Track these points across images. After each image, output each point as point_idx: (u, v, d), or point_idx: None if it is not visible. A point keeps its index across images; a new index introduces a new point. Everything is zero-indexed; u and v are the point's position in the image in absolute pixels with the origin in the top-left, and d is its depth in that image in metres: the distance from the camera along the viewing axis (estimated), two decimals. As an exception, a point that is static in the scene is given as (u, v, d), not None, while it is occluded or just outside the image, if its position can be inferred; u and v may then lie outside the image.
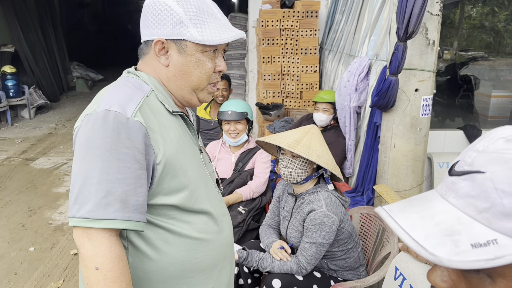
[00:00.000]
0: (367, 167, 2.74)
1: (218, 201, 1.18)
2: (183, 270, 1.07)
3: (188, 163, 1.05)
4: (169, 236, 1.04)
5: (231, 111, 2.72)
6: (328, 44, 4.35)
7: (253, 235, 2.65)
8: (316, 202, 2.00)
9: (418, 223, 0.51)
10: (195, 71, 1.06)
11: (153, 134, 0.97)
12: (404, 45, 2.18)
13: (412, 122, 2.36)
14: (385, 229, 2.26)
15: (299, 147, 1.95)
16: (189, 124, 1.12)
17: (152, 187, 0.99)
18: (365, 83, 2.89)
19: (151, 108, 1.00)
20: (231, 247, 1.23)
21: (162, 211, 1.03)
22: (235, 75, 7.35)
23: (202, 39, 1.02)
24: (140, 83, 1.06)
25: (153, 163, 0.97)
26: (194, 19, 1.02)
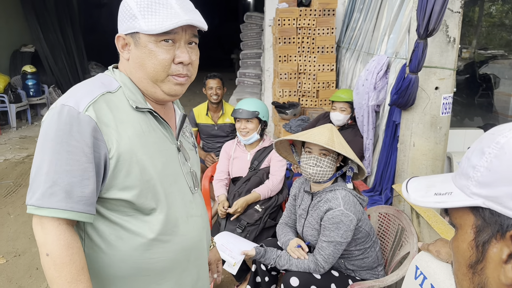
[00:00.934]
0: (385, 166, 2.72)
1: (188, 201, 1.17)
2: (137, 268, 1.08)
3: (148, 160, 1.05)
4: (124, 233, 1.06)
5: (242, 109, 2.73)
6: (345, 42, 4.33)
7: (270, 233, 2.65)
8: (334, 201, 1.99)
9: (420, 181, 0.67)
10: (149, 62, 1.06)
11: (106, 128, 1.00)
12: (425, 43, 2.15)
13: (432, 120, 2.33)
14: (404, 229, 2.24)
15: (337, 146, 1.95)
16: (161, 121, 1.12)
17: (106, 180, 1.02)
18: (383, 81, 2.87)
19: (110, 104, 1.03)
20: (200, 250, 1.21)
21: (118, 207, 1.05)
22: (250, 74, 7.36)
23: (148, 29, 1.02)
24: (111, 80, 1.10)
25: (105, 157, 1.00)
26: (143, 11, 1.03)
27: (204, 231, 1.23)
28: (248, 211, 2.64)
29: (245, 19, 7.52)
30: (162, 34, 1.03)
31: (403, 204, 2.47)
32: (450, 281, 1.40)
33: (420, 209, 2.09)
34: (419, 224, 2.17)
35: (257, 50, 7.45)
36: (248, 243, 2.37)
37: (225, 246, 2.23)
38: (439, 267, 1.44)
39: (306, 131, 2.07)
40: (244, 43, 7.56)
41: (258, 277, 2.35)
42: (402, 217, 2.28)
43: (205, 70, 4.47)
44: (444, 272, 1.43)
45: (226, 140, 3.73)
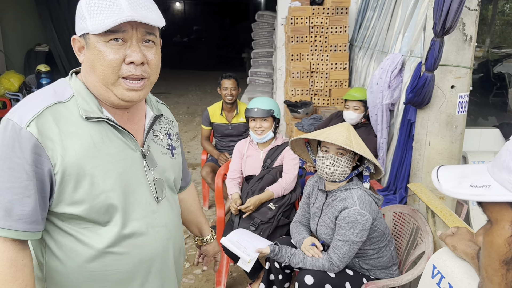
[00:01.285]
0: (400, 165, 2.70)
1: (150, 212, 1.11)
2: (92, 279, 1.07)
3: (99, 173, 1.01)
4: (78, 245, 1.04)
5: (257, 108, 2.74)
6: (358, 41, 4.31)
7: (283, 231, 2.65)
8: (349, 200, 1.98)
9: (451, 170, 0.67)
10: (98, 63, 1.00)
11: (51, 143, 0.96)
12: (441, 41, 2.14)
13: (448, 119, 2.32)
14: (419, 228, 2.23)
15: (355, 145, 1.94)
16: (120, 129, 1.06)
17: (54, 195, 1.00)
18: (398, 80, 2.85)
19: (57, 116, 0.99)
20: (165, 261, 1.17)
21: (72, 220, 1.03)
22: (262, 73, 7.36)
23: (92, 29, 0.97)
24: (65, 88, 1.05)
25: (50, 172, 0.97)
26: (91, 10, 0.97)
27: (170, 241, 1.18)
28: (262, 209, 2.64)
29: (256, 18, 7.52)
30: (109, 33, 0.97)
31: (418, 204, 2.46)
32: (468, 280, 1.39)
33: (436, 207, 2.07)
34: (434, 223, 2.15)
35: (269, 49, 7.45)
36: (263, 240, 2.38)
37: (239, 243, 2.23)
38: (457, 266, 1.43)
39: (323, 129, 2.06)
40: (256, 42, 7.56)
41: (272, 275, 2.36)
42: (417, 216, 2.26)
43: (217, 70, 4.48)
44: (462, 271, 1.42)
45: (239, 139, 3.75)
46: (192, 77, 12.63)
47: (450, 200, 2.43)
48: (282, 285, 2.34)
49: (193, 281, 2.94)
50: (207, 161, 3.96)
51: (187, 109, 8.70)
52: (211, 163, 3.84)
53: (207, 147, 3.99)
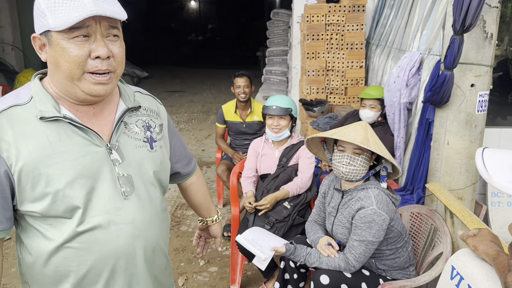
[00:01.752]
0: (417, 165, 2.67)
1: (113, 208, 1.09)
2: (59, 274, 1.09)
3: (56, 171, 1.02)
4: (42, 240, 1.07)
5: (276, 106, 2.72)
6: (375, 38, 4.27)
7: (298, 230, 2.64)
8: (366, 199, 1.96)
9: (499, 157, 0.59)
10: (62, 60, 0.99)
11: (5, 145, 0.99)
12: (461, 39, 2.10)
13: (467, 118, 2.28)
14: (437, 229, 2.19)
15: (372, 145, 1.92)
16: (80, 127, 1.06)
17: (16, 195, 1.03)
18: (416, 78, 2.81)
19: (13, 118, 1.01)
20: (131, 259, 1.15)
21: (37, 217, 1.06)
22: (276, 71, 7.35)
23: (55, 25, 0.95)
24: (27, 90, 1.07)
25: (7, 173, 1.00)
26: (51, 6, 0.96)
27: (139, 239, 1.14)
28: (277, 208, 2.64)
29: (272, 16, 7.50)
30: (73, 29, 0.96)
31: (436, 204, 2.43)
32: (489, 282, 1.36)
33: (454, 208, 2.04)
34: (453, 224, 2.12)
35: (284, 47, 7.43)
36: (278, 239, 2.37)
37: (255, 241, 2.23)
38: (477, 268, 1.41)
39: (340, 128, 2.04)
40: (271, 40, 7.54)
41: (287, 274, 2.35)
42: (435, 216, 2.23)
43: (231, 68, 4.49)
44: (482, 273, 1.40)
45: (254, 137, 3.74)
46: (207, 76, 12.67)
47: (468, 201, 2.39)
48: (297, 284, 2.33)
49: (208, 279, 2.95)
50: (222, 159, 3.97)
51: (202, 107, 8.74)
52: (226, 161, 3.85)
53: (221, 145, 3.99)
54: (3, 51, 7.79)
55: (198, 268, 3.08)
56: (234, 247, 2.73)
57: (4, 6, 7.69)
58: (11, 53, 7.88)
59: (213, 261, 3.17)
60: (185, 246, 3.36)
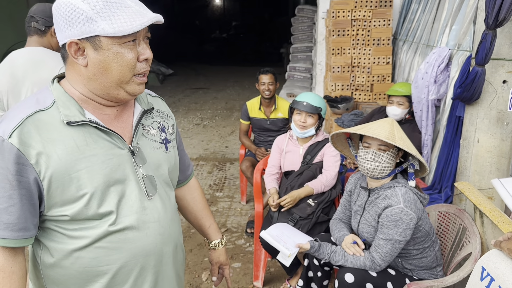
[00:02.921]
0: (446, 163, 2.61)
1: (141, 208, 1.12)
2: (86, 277, 1.10)
3: (85, 175, 1.03)
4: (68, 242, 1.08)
5: (307, 102, 2.70)
6: (402, 34, 4.19)
7: (322, 228, 2.63)
8: (393, 198, 1.93)
9: None
10: (115, 65, 1.02)
11: (33, 151, 0.99)
12: (493, 34, 2.04)
13: (499, 116, 2.21)
14: (465, 229, 2.14)
15: (398, 140, 1.88)
16: (105, 130, 1.08)
17: (44, 201, 1.03)
18: (445, 74, 2.75)
19: (39, 124, 1.01)
20: (159, 256, 1.18)
21: (65, 221, 1.06)
22: (300, 68, 7.30)
23: (114, 31, 0.99)
24: (47, 95, 1.07)
25: (36, 180, 1.00)
26: (102, 12, 0.98)
27: (164, 237, 1.18)
28: (301, 205, 2.62)
29: (296, 12, 7.46)
30: (127, 35, 1.00)
31: (465, 203, 2.37)
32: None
33: (484, 207, 1.99)
34: (482, 224, 2.06)
35: (308, 43, 7.38)
36: (303, 236, 2.36)
37: (279, 237, 2.22)
38: (509, 268, 1.37)
39: (365, 124, 2.01)
40: (295, 36, 7.50)
41: (311, 272, 2.34)
42: (464, 216, 2.18)
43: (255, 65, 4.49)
44: (514, 275, 1.36)
45: (277, 134, 3.73)
46: (231, 73, 12.71)
47: (499, 200, 2.32)
48: (321, 282, 2.31)
49: (231, 274, 2.97)
50: (246, 155, 3.98)
51: (225, 104, 8.78)
52: (251, 158, 3.85)
53: (245, 142, 4.00)
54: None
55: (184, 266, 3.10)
56: (258, 243, 2.74)
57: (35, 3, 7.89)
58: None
59: (236, 257, 3.18)
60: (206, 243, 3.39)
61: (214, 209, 3.99)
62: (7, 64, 2.18)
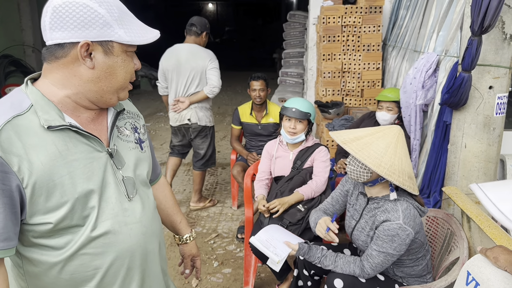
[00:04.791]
0: (434, 168, 2.63)
1: (122, 210, 1.13)
2: (76, 281, 1.10)
3: (68, 180, 1.02)
4: (51, 253, 1.06)
5: (296, 108, 2.70)
6: (392, 40, 4.22)
7: (312, 233, 2.62)
8: (393, 213, 1.88)
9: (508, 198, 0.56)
10: (121, 71, 1.08)
11: (16, 158, 0.96)
12: (479, 40, 2.07)
13: (485, 121, 2.24)
14: (453, 233, 2.16)
15: (353, 145, 1.85)
16: (84, 134, 1.07)
17: (26, 208, 1.00)
18: (432, 80, 2.77)
19: (18, 130, 0.98)
20: (144, 255, 1.20)
21: (44, 231, 1.04)
22: (292, 73, 7.33)
23: (131, 40, 1.05)
24: (22, 98, 1.03)
25: (19, 188, 0.97)
26: (119, 20, 1.03)
27: (147, 236, 1.19)
28: (291, 211, 2.62)
29: (288, 18, 7.49)
30: (133, 45, 1.08)
31: (453, 208, 2.39)
32: (506, 289, 1.33)
33: (471, 212, 2.00)
34: (470, 228, 2.08)
35: (300, 49, 7.41)
36: (294, 237, 2.34)
37: (269, 242, 2.20)
38: (493, 274, 1.38)
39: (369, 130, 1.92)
40: (287, 42, 7.53)
41: (300, 281, 2.33)
42: (452, 221, 2.19)
43: (247, 70, 4.50)
44: (499, 279, 1.37)
45: (269, 139, 3.73)
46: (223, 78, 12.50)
47: (487, 205, 2.34)
48: (310, 290, 2.30)
49: (221, 280, 2.96)
50: (237, 160, 3.98)
51: (218, 109, 8.77)
52: (242, 162, 3.85)
53: (236, 147, 4.00)
54: (24, 53, 7.97)
55: (211, 269, 3.09)
56: (248, 249, 2.73)
57: (25, 9, 7.86)
58: (31, 55, 8.05)
59: (226, 262, 3.18)
60: (199, 247, 3.37)
61: (205, 214, 3.98)
62: (173, 52, 3.61)
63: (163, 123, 7.73)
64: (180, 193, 4.49)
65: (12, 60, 7.45)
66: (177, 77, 3.63)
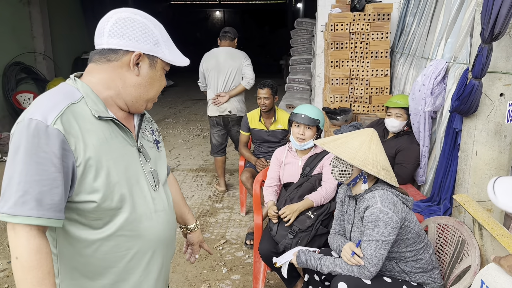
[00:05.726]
0: (444, 175, 2.62)
1: (151, 199, 1.27)
2: (107, 263, 1.21)
3: (112, 165, 1.15)
4: (92, 235, 1.17)
5: (305, 115, 2.71)
6: (399, 47, 4.23)
7: (322, 240, 2.62)
8: (371, 199, 1.98)
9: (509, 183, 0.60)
10: (156, 83, 1.26)
11: (74, 139, 1.08)
12: (489, 47, 2.07)
13: (497, 128, 2.23)
14: (465, 241, 2.14)
15: (331, 144, 2.00)
16: (121, 127, 1.21)
17: (75, 186, 1.11)
18: (441, 87, 2.77)
19: (75, 115, 1.11)
20: (165, 241, 1.34)
21: (87, 209, 1.14)
22: (299, 80, 7.34)
23: (172, 60, 1.25)
24: (72, 90, 1.16)
25: (73, 165, 1.08)
26: (167, 42, 1.24)
27: (169, 224, 1.34)
28: (300, 217, 2.62)
29: (295, 25, 7.52)
30: (169, 64, 1.26)
31: (464, 215, 2.37)
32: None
33: (483, 220, 1.99)
34: (481, 236, 2.07)
35: (307, 56, 7.43)
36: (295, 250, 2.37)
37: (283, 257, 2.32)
38: (508, 283, 1.37)
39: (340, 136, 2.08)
40: (294, 49, 7.56)
41: (311, 287, 2.34)
42: (463, 228, 2.18)
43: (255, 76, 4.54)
44: (513, 289, 1.36)
45: (277, 145, 3.74)
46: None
47: (498, 213, 2.32)
48: (321, 297, 2.30)
49: (230, 286, 2.96)
50: (245, 166, 3.98)
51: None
52: (250, 168, 3.86)
53: (245, 153, 4.01)
54: (34, 60, 8.06)
55: (220, 275, 3.09)
56: (257, 255, 2.73)
57: (36, 17, 7.96)
58: (42, 62, 8.14)
59: (235, 269, 3.17)
60: (207, 253, 3.38)
61: (213, 220, 3.98)
62: (212, 54, 4.39)
63: (171, 129, 7.76)
64: (189, 199, 4.50)
65: (23, 67, 7.54)
66: (217, 75, 4.34)
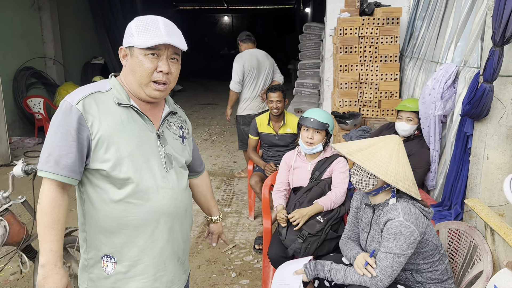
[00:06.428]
0: (455, 180, 2.59)
1: (160, 177, 1.48)
2: (117, 224, 1.44)
3: (123, 142, 1.40)
4: (106, 197, 1.42)
5: (314, 119, 2.71)
6: (408, 51, 4.21)
7: (332, 245, 2.61)
8: (393, 212, 1.93)
9: None
10: (138, 69, 1.40)
11: (91, 118, 1.36)
12: (501, 51, 2.05)
13: (509, 132, 2.20)
14: (476, 246, 2.12)
15: (359, 155, 1.93)
16: (141, 115, 1.46)
17: (90, 155, 1.39)
18: (451, 90, 2.75)
19: (97, 100, 1.40)
20: (171, 216, 1.52)
21: (102, 177, 1.41)
22: (308, 84, 7.34)
23: (138, 44, 1.37)
24: (105, 83, 1.47)
25: (88, 138, 1.37)
26: (139, 31, 1.38)
27: (175, 201, 1.52)
28: (310, 222, 2.61)
29: (304, 29, 7.52)
30: (148, 48, 1.38)
31: (475, 220, 2.35)
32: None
33: (495, 225, 1.97)
34: (493, 241, 2.04)
35: (315, 60, 7.42)
36: (300, 262, 2.33)
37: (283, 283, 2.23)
38: (521, 289, 1.35)
39: (372, 141, 2.02)
40: (303, 53, 7.56)
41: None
42: (475, 233, 2.16)
43: (264, 80, 4.55)
44: (527, 294, 1.34)
45: (286, 149, 3.74)
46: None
47: (510, 217, 2.30)
48: (331, 302, 2.28)
49: (239, 291, 2.95)
50: (254, 171, 3.98)
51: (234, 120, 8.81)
52: (259, 173, 3.85)
53: (253, 158, 4.01)
54: (45, 65, 8.15)
55: (229, 280, 3.08)
56: (266, 260, 2.72)
57: (47, 22, 8.06)
58: (52, 67, 8.23)
59: (244, 273, 3.17)
60: (216, 258, 3.38)
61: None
62: (253, 54, 4.85)
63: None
64: (197, 204, 4.50)
65: (33, 72, 7.62)
66: (258, 73, 4.83)
